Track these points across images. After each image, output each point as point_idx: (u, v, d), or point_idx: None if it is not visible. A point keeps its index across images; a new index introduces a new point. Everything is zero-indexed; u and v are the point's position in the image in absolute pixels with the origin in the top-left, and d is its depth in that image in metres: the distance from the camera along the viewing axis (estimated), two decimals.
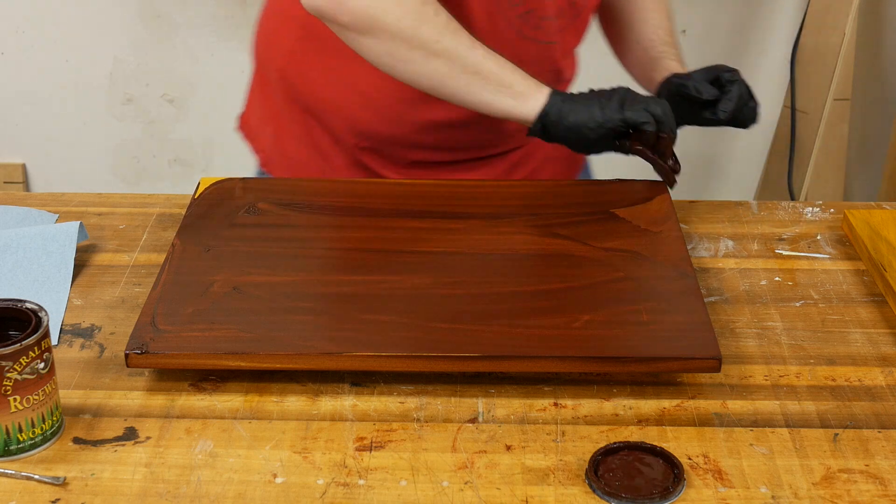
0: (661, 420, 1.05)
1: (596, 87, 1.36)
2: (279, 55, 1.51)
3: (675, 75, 1.44)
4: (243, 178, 1.43)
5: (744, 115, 1.41)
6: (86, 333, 1.17)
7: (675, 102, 1.39)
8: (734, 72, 1.41)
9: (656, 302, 1.15)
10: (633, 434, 1.04)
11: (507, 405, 1.07)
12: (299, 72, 1.49)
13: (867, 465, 1.00)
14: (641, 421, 1.05)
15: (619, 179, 1.41)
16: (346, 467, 0.99)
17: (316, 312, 1.14)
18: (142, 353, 1.08)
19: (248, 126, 1.62)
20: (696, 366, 1.08)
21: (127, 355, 1.08)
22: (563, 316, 1.13)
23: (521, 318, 1.13)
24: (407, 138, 1.47)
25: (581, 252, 1.24)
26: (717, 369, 1.08)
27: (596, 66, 1.69)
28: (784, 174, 2.59)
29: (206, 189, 1.37)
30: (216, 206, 1.33)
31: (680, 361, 1.08)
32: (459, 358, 1.08)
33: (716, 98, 1.39)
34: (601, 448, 1.00)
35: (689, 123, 1.43)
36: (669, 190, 1.37)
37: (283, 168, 1.55)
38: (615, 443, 1.01)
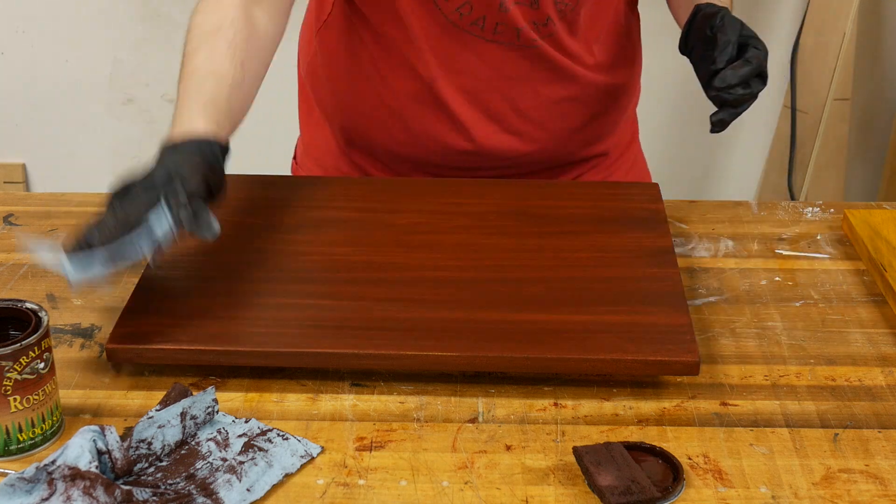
0: (661, 420, 1.05)
1: None
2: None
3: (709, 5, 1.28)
4: (237, 175, 1.42)
5: (733, 97, 1.21)
6: (86, 333, 1.17)
7: (696, 34, 1.26)
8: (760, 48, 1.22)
9: (643, 304, 1.15)
10: (633, 434, 1.04)
11: (507, 405, 1.07)
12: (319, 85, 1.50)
13: (867, 465, 1.00)
14: (641, 421, 1.05)
15: (611, 182, 1.41)
16: (346, 467, 0.99)
17: (314, 309, 1.14)
18: (122, 346, 1.08)
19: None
20: (673, 369, 1.07)
21: (106, 349, 1.08)
22: (562, 316, 1.13)
23: (521, 318, 1.13)
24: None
25: (576, 253, 1.24)
26: (696, 372, 1.07)
27: None
28: (784, 174, 2.58)
29: None
30: None
31: (658, 365, 1.07)
32: (459, 357, 1.08)
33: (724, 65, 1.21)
34: None
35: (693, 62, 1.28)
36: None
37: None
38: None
